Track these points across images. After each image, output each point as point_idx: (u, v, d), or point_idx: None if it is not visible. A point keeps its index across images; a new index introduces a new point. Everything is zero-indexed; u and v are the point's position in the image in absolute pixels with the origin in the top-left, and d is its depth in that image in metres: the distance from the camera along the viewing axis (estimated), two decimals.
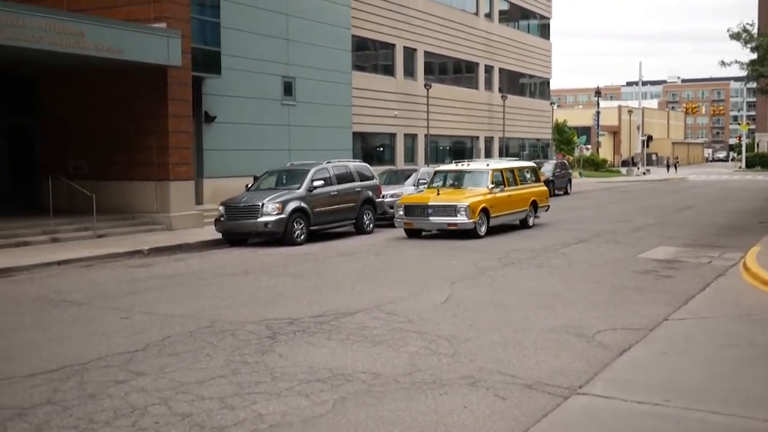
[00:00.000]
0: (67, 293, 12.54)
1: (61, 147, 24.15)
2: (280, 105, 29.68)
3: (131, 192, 22.75)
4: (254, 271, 14.74)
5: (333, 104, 32.51)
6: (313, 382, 7.23)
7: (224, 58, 26.04)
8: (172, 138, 22.28)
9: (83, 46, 19.19)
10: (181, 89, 22.58)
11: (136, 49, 20.50)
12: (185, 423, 6.19)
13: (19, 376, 7.54)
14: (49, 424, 6.21)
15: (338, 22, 32.92)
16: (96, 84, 23.21)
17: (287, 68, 29.93)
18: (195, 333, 9.30)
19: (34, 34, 18.10)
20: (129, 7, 22.30)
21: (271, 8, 29.03)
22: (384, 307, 10.70)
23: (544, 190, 23.60)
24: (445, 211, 19.39)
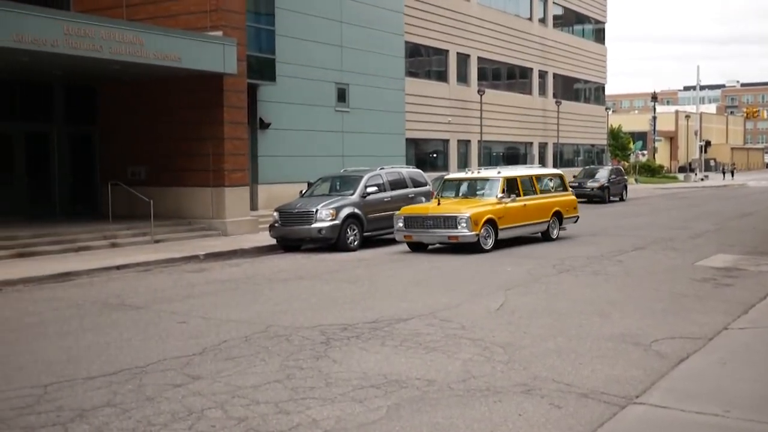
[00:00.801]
0: (126, 297, 12.77)
1: (121, 154, 24.64)
2: (333, 111, 29.86)
3: (188, 198, 23.09)
4: (308, 277, 14.83)
5: (386, 111, 32.61)
6: (367, 387, 7.24)
7: (279, 65, 26.31)
8: (227, 145, 22.58)
9: (143, 54, 19.56)
10: (236, 96, 22.87)
11: (193, 57, 20.83)
12: (241, 427, 6.25)
13: (80, 378, 7.70)
14: (108, 425, 6.32)
15: (392, 29, 33.02)
16: (154, 92, 23.64)
17: (341, 75, 30.10)
18: (250, 338, 9.39)
19: (96, 44, 18.51)
20: (187, 16, 22.67)
21: (326, 15, 29.25)
22: (438, 314, 10.68)
23: (570, 200, 21.68)
24: (445, 223, 18.00)
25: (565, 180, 22.24)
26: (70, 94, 24.84)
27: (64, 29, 17.93)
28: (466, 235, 17.71)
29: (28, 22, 17.31)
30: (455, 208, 18.29)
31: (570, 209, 21.47)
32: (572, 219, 21.75)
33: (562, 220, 20.99)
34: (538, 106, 49.83)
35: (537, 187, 20.39)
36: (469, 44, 42.10)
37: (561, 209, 20.90)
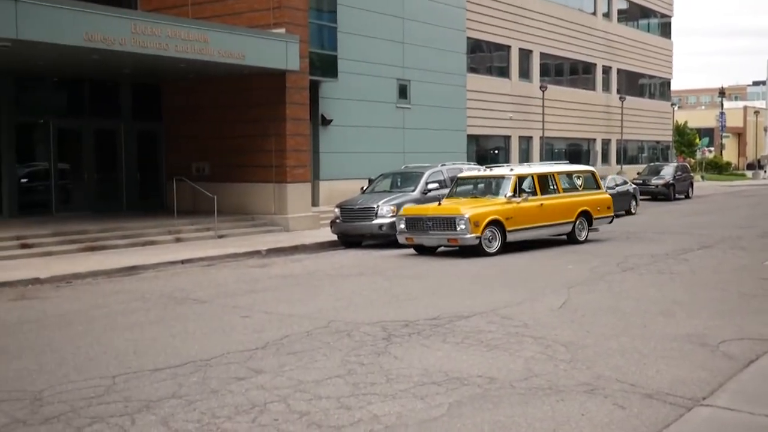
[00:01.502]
0: (191, 291, 12.99)
1: (185, 150, 25.08)
2: (395, 108, 29.90)
3: (250, 194, 23.38)
4: (369, 273, 14.88)
5: (447, 107, 32.52)
6: (428, 384, 7.25)
7: (341, 62, 26.44)
8: (290, 141, 22.79)
9: (207, 52, 19.87)
10: (298, 93, 23.06)
11: (256, 55, 21.07)
12: (303, 421, 6.31)
13: (147, 370, 7.85)
14: (174, 417, 6.44)
15: (453, 25, 32.90)
16: (217, 89, 23.99)
17: (402, 71, 30.12)
18: (312, 333, 9.47)
19: (162, 42, 18.86)
20: (250, 13, 22.93)
21: (387, 12, 29.28)
22: (499, 311, 10.63)
23: (601, 199, 20.03)
24: (444, 224, 16.92)
25: (597, 177, 20.64)
26: (136, 91, 25.36)
27: (132, 28, 18.31)
28: (466, 238, 16.62)
29: (97, 21, 17.72)
30: (454, 208, 17.17)
31: (602, 209, 19.90)
32: (605, 219, 20.15)
33: (592, 221, 19.47)
34: (601, 102, 49.14)
35: (559, 186, 18.99)
36: (531, 40, 41.73)
37: (590, 209, 19.40)
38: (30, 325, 10.38)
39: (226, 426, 6.21)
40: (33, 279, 14.25)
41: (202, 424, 6.25)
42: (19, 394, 7.10)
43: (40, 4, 16.69)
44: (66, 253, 17.55)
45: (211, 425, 6.23)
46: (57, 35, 17.04)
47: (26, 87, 22.91)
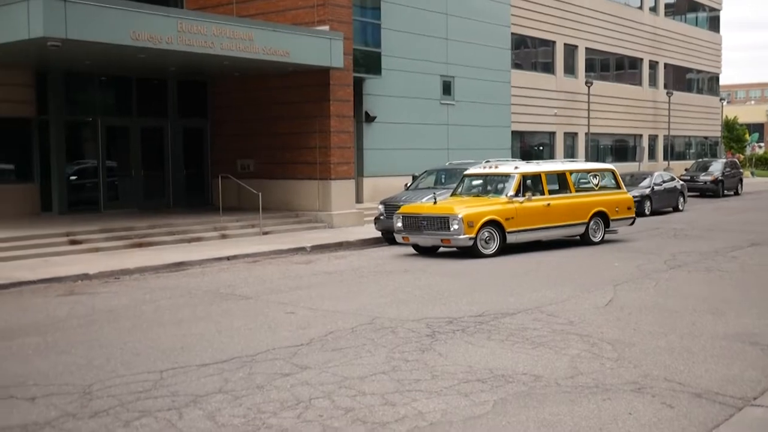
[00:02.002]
0: (236, 287, 13.09)
1: (230, 147, 25.30)
2: (439, 104, 29.82)
3: (294, 190, 23.51)
4: (413, 270, 14.87)
5: (492, 103, 32.35)
6: (473, 381, 7.22)
7: (384, 59, 26.45)
8: (334, 138, 22.86)
9: (252, 50, 19.99)
10: (342, 90, 23.12)
11: (300, 52, 21.16)
12: (347, 417, 6.32)
13: (193, 365, 7.94)
14: (220, 411, 6.50)
15: (498, 20, 32.72)
16: (262, 87, 24.15)
17: (446, 67, 30.03)
18: (356, 329, 9.49)
19: (207, 40, 19.02)
20: (294, 11, 23.04)
21: (431, 8, 29.21)
22: (544, 308, 10.55)
23: (621, 199, 19.13)
24: (438, 224, 16.41)
25: (618, 176, 19.64)
26: (182, 89, 25.62)
27: (178, 26, 18.49)
28: (459, 238, 16.08)
29: (144, 20, 17.93)
30: (448, 207, 16.60)
31: (621, 209, 18.97)
32: (624, 221, 19.23)
33: (609, 222, 18.65)
34: (648, 98, 48.49)
35: (571, 185, 18.21)
36: (576, 35, 41.30)
37: (606, 209, 18.54)
38: (79, 320, 10.55)
39: (271, 421, 6.25)
40: (82, 274, 14.49)
41: (248, 419, 6.30)
42: (69, 388, 7.22)
43: (89, 4, 16.94)
44: (114, 249, 17.80)
45: (257, 420, 6.28)
46: (105, 34, 17.28)
47: (75, 86, 23.28)
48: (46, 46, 17.13)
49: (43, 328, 10.03)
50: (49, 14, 16.23)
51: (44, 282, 13.90)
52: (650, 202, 27.74)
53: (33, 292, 13.19)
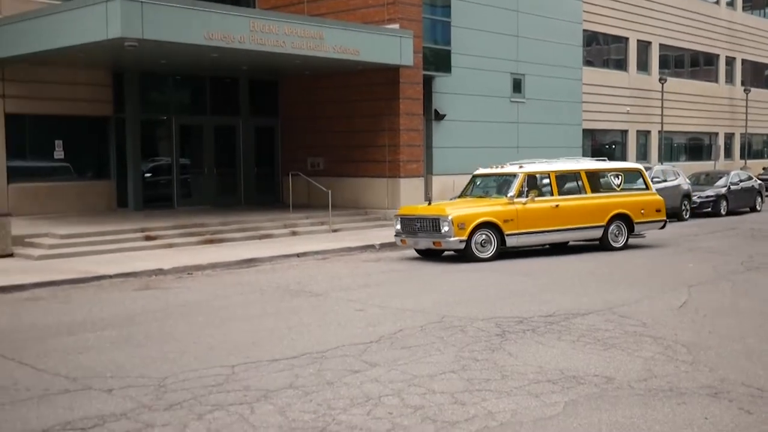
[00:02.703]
0: (306, 284, 13.21)
1: (301, 145, 25.56)
2: (509, 102, 29.59)
3: (364, 188, 23.62)
4: (482, 269, 14.79)
5: (563, 101, 31.96)
6: (543, 382, 7.15)
7: (454, 57, 26.36)
8: (403, 136, 22.89)
9: (323, 48, 20.16)
10: (412, 88, 23.14)
11: (370, 50, 21.25)
12: (417, 415, 6.33)
13: (264, 360, 8.03)
14: (291, 407, 6.57)
15: (569, 17, 32.29)
16: (332, 85, 24.33)
17: (517, 65, 29.77)
18: (425, 327, 9.49)
19: (279, 39, 19.25)
20: (365, 9, 23.14)
21: (502, 5, 28.98)
22: (616, 310, 10.39)
23: (648, 200, 17.80)
24: (430, 226, 15.82)
25: (645, 176, 18.34)
26: (254, 87, 25.97)
27: (251, 26, 18.75)
28: (449, 241, 15.48)
29: (217, 19, 18.24)
30: (440, 208, 16.07)
31: (648, 212, 17.69)
32: (654, 224, 17.97)
33: (633, 226, 17.46)
34: (724, 95, 47.29)
35: (586, 185, 17.13)
36: (650, 31, 40.51)
37: (629, 212, 17.33)
38: (154, 314, 10.78)
39: (341, 418, 6.29)
40: (156, 270, 14.80)
41: (318, 415, 6.35)
42: (145, 380, 7.38)
43: (165, 5, 17.30)
44: (187, 245, 18.14)
45: (327, 416, 6.32)
46: (180, 34, 17.63)
47: (150, 85, 23.81)
48: (124, 46, 17.55)
49: (119, 322, 10.28)
50: (127, 15, 16.63)
51: (121, 276, 14.25)
52: (726, 201, 27.04)
53: (111, 285, 13.54)
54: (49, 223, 18.96)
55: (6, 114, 20.57)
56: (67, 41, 18.00)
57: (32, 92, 20.93)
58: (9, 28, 19.34)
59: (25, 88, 20.84)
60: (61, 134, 21.92)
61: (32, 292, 13.00)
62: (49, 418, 6.35)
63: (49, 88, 21.22)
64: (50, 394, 7.01)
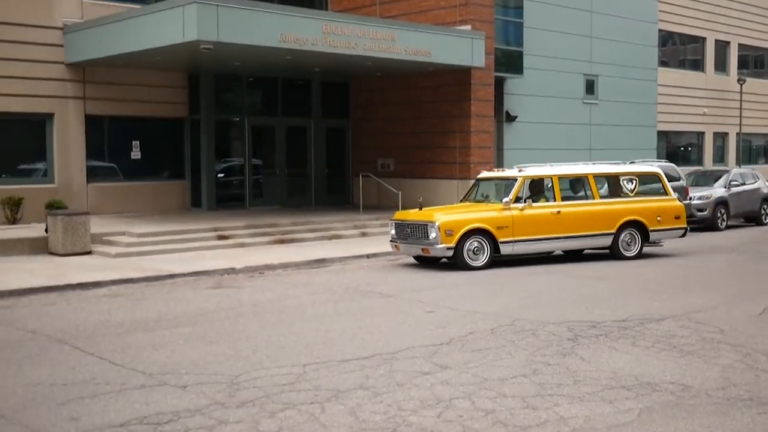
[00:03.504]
0: (376, 285, 13.24)
1: (371, 146, 25.66)
2: (581, 104, 29.20)
3: (434, 190, 23.57)
4: (555, 272, 14.63)
5: (637, 102, 31.40)
6: (617, 388, 7.03)
7: (526, 58, 26.14)
8: (474, 138, 22.80)
9: (394, 50, 20.21)
10: (483, 90, 23.02)
11: (442, 52, 21.22)
12: (488, 419, 6.28)
13: (335, 360, 8.08)
14: (361, 407, 6.59)
15: (645, 17, 31.71)
16: (402, 86, 24.36)
17: (590, 66, 29.36)
18: (496, 330, 9.42)
19: (351, 41, 19.36)
20: (436, 11, 23.12)
21: (575, 6, 28.62)
22: (692, 316, 10.15)
23: (664, 207, 16.68)
24: (419, 232, 15.15)
25: (664, 181, 17.20)
26: (325, 89, 26.17)
27: (323, 28, 18.90)
28: (437, 248, 14.81)
29: (291, 22, 18.45)
30: (429, 214, 15.36)
31: (665, 219, 16.58)
32: (672, 232, 16.84)
33: (648, 234, 16.43)
34: None
35: (594, 190, 16.19)
36: (728, 30, 39.50)
37: (643, 219, 16.28)
38: (226, 313, 10.94)
39: (411, 419, 6.28)
40: (229, 269, 15.02)
41: (388, 416, 6.35)
42: (218, 377, 7.49)
43: (239, 8, 17.56)
44: (258, 244, 18.37)
45: (398, 418, 6.32)
46: (254, 37, 17.88)
47: (224, 87, 24.19)
48: (199, 49, 17.87)
49: (193, 319, 10.46)
50: (203, 19, 16.93)
51: (194, 275, 14.51)
52: None
53: (184, 284, 13.79)
54: (125, 222, 19.43)
55: (86, 115, 21.15)
56: (144, 44, 18.42)
57: (111, 94, 21.49)
58: (90, 32, 19.88)
59: (104, 90, 21.40)
60: (138, 135, 22.45)
61: (110, 288, 13.34)
62: (127, 413, 6.50)
63: (127, 90, 21.75)
64: (127, 388, 7.17)
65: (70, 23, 20.45)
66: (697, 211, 21.80)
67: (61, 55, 20.48)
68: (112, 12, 20.11)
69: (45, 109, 20.50)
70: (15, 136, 20.71)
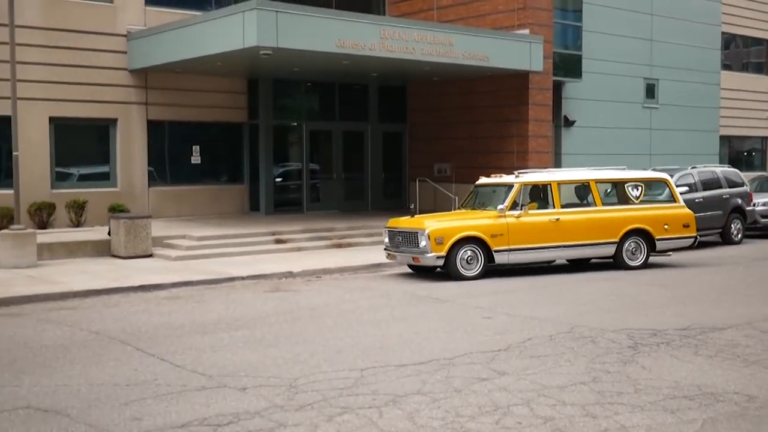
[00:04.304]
0: (433, 290, 13.22)
1: (427, 151, 25.65)
2: (641, 108, 28.80)
3: None
4: (613, 278, 14.44)
5: (698, 106, 30.85)
6: (679, 398, 6.91)
7: (585, 62, 25.88)
8: (531, 142, 22.64)
9: (452, 55, 20.19)
10: (541, 94, 22.85)
11: (500, 56, 21.12)
12: (547, 426, 6.22)
13: (392, 365, 8.08)
14: (419, 413, 6.58)
15: (707, 19, 31.15)
16: (459, 91, 24.31)
17: (650, 69, 28.95)
18: (555, 337, 9.33)
19: (409, 46, 19.39)
20: (495, 15, 23.03)
21: (636, 8, 28.26)
22: (758, 325, 9.92)
23: (672, 214, 15.94)
24: (410, 240, 14.52)
25: (673, 188, 16.48)
26: (382, 94, 26.24)
27: (381, 33, 18.97)
28: (426, 257, 14.17)
29: (349, 28, 18.55)
30: (420, 221, 14.70)
31: (673, 227, 15.83)
32: (681, 241, 16.02)
33: (654, 243, 15.67)
34: None
35: (596, 197, 15.52)
36: None
37: (649, 227, 15.56)
38: (284, 316, 11.03)
39: (469, 426, 6.25)
40: (286, 272, 15.14)
41: (446, 422, 6.34)
42: (277, 380, 7.56)
43: (298, 14, 17.72)
44: (315, 248, 18.49)
45: (455, 424, 6.30)
46: (312, 43, 18.02)
47: (282, 92, 24.41)
48: (259, 54, 18.08)
49: (251, 322, 10.57)
50: (263, 24, 17.13)
51: (253, 278, 14.67)
52: None
53: (243, 287, 13.95)
54: (185, 226, 19.73)
55: (148, 121, 21.55)
56: (205, 50, 18.70)
57: (172, 100, 21.86)
58: (152, 38, 20.27)
59: (166, 96, 21.78)
60: (197, 140, 22.79)
61: (170, 291, 13.56)
62: (187, 414, 6.59)
63: (187, 95, 22.11)
64: (188, 390, 7.28)
65: (134, 30, 20.87)
66: (761, 218, 21.31)
67: (124, 62, 20.92)
68: (174, 19, 20.47)
69: (109, 115, 20.94)
70: (80, 141, 21.22)
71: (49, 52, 19.86)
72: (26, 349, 9.10)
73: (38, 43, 19.67)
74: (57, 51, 19.95)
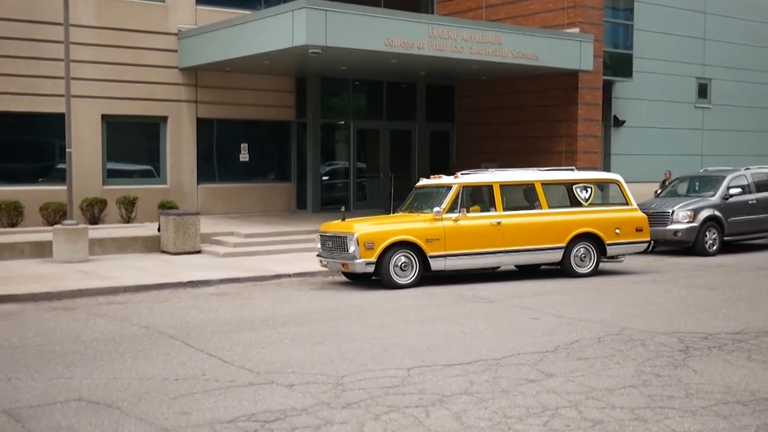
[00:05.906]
0: (479, 290, 13.15)
1: (475, 150, 25.55)
2: (693, 108, 28.37)
3: None
4: (662, 281, 14.23)
5: (752, 106, 30.30)
6: (732, 403, 6.77)
7: (635, 61, 25.58)
8: (580, 142, 22.43)
9: (501, 53, 20.09)
10: (591, 93, 22.62)
11: (549, 55, 20.96)
12: (596, 429, 6.14)
13: (439, 365, 8.05)
14: (466, 413, 6.54)
15: (762, 17, 30.58)
16: (507, 90, 24.17)
17: (703, 69, 28.51)
18: (603, 339, 9.22)
19: (457, 45, 19.34)
20: (544, 14, 22.85)
21: (688, 7, 27.85)
22: None
23: (624, 218, 15.12)
24: (339, 245, 13.58)
25: (624, 189, 15.57)
26: (430, 93, 26.21)
27: (430, 32, 18.94)
28: (355, 263, 13.18)
29: (397, 26, 18.55)
30: (350, 225, 13.66)
31: (625, 231, 15.01)
32: (633, 246, 15.25)
33: (605, 248, 14.84)
34: None
35: (542, 199, 14.62)
36: None
37: (599, 231, 14.71)
38: (330, 314, 11.06)
39: (517, 427, 6.20)
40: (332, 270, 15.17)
41: (493, 423, 6.29)
42: (323, 378, 7.58)
43: (347, 13, 17.77)
44: None
45: (503, 425, 6.25)
46: (361, 41, 18.06)
47: (330, 90, 24.52)
48: (308, 53, 18.17)
49: (298, 319, 10.63)
50: (312, 24, 17.22)
51: (299, 276, 14.75)
52: None
53: (289, 284, 14.03)
54: (233, 223, 19.91)
55: (198, 118, 21.79)
56: (254, 49, 18.85)
57: (221, 98, 22.08)
58: (203, 37, 20.49)
59: (215, 94, 22.01)
60: (246, 138, 22.99)
61: (218, 287, 13.70)
62: (235, 409, 6.64)
63: (236, 93, 22.31)
64: (236, 386, 7.33)
65: (185, 29, 21.12)
66: None
67: (175, 60, 21.19)
68: (224, 18, 20.67)
69: (160, 113, 21.22)
70: (130, 138, 21.56)
71: (102, 50, 20.20)
72: (78, 343, 9.26)
73: (91, 41, 20.02)
74: (109, 50, 20.28)
